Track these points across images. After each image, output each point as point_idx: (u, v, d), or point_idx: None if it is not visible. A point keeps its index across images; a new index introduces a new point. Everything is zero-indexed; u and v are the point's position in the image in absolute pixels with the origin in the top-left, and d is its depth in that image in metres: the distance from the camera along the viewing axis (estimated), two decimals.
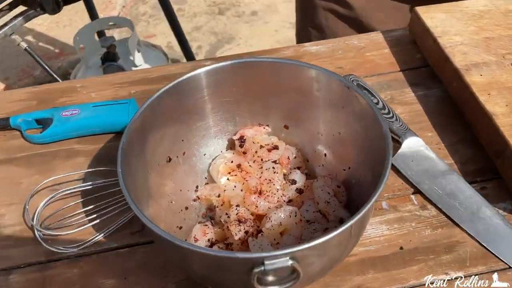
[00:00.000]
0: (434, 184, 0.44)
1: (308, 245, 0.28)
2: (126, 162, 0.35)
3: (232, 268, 0.30)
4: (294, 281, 0.29)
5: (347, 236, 0.31)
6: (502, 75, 0.48)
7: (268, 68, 0.42)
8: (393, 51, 0.59)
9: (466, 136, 0.48)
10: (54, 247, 0.42)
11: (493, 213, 0.42)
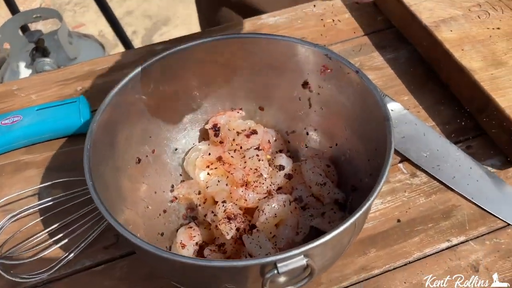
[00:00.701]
0: (420, 149, 0.42)
1: (323, 240, 0.25)
2: (93, 168, 0.30)
3: (240, 277, 0.26)
4: (308, 278, 0.26)
5: (359, 223, 0.28)
6: (472, 28, 0.47)
7: (235, 46, 0.38)
8: (354, 16, 0.56)
9: (444, 95, 0.47)
10: (18, 276, 0.36)
11: (483, 171, 0.41)
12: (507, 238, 0.37)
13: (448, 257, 0.36)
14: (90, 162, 0.30)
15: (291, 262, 0.24)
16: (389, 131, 0.29)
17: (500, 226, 0.38)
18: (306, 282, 0.27)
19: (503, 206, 0.39)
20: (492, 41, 0.45)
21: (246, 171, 0.36)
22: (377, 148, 0.31)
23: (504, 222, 0.38)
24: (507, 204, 0.39)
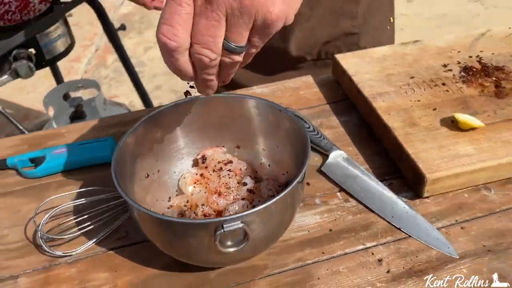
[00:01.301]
0: (354, 183, 0.57)
1: (253, 210, 0.40)
2: (118, 177, 0.46)
3: (198, 233, 0.41)
4: (246, 242, 0.41)
5: (283, 204, 0.43)
6: (399, 100, 0.64)
7: (221, 102, 0.56)
8: (321, 90, 0.74)
9: (377, 148, 0.63)
10: (56, 253, 0.51)
11: (397, 200, 0.55)
12: (406, 245, 0.51)
13: (361, 255, 0.50)
14: (116, 173, 0.47)
15: (233, 224, 0.39)
16: (306, 156, 0.45)
17: (403, 237, 0.52)
18: (244, 245, 0.41)
19: (408, 224, 0.53)
20: (412, 109, 0.62)
21: (219, 185, 0.52)
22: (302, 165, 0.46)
23: (407, 235, 0.52)
24: (411, 223, 0.53)
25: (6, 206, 0.59)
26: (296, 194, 0.46)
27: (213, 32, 0.39)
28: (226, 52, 0.41)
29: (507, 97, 0.63)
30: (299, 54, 0.86)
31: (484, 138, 0.56)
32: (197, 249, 0.43)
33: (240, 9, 0.38)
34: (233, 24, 0.39)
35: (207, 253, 0.43)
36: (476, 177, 0.54)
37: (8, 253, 0.53)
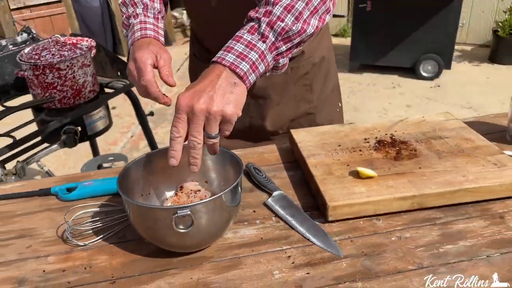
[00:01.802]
0: (285, 211, 0.82)
1: (197, 202, 0.65)
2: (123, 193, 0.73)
3: (162, 216, 0.66)
4: (192, 226, 0.66)
5: (219, 202, 0.68)
6: (325, 159, 0.90)
7: None
8: (280, 153, 1.02)
9: (307, 191, 0.87)
10: (77, 243, 0.77)
11: (313, 222, 0.79)
12: (310, 249, 0.73)
13: (277, 253, 0.73)
14: (122, 190, 0.74)
15: (183, 211, 0.65)
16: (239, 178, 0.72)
17: (309, 244, 0.74)
18: (192, 228, 0.66)
19: (315, 237, 0.76)
20: (332, 165, 0.88)
21: (187, 201, 0.78)
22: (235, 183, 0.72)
23: (312, 243, 0.75)
24: (317, 236, 0.76)
25: (46, 217, 0.86)
26: (229, 197, 0.70)
27: (198, 129, 0.69)
28: (208, 138, 0.70)
29: (402, 160, 0.88)
30: (273, 129, 1.15)
31: (375, 183, 0.81)
32: (162, 231, 0.68)
33: (211, 115, 0.68)
34: (209, 123, 0.69)
35: (169, 234, 0.68)
36: (366, 208, 0.78)
37: (44, 243, 0.79)
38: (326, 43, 1.17)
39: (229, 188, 0.69)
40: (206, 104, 0.67)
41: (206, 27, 1.11)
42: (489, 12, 4.11)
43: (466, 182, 0.80)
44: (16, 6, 4.03)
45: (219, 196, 0.68)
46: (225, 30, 0.85)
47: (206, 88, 0.69)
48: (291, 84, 1.12)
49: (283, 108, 1.14)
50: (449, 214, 0.79)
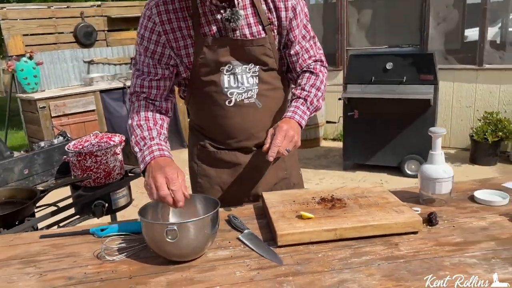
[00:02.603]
0: (249, 242, 1.19)
1: (181, 221, 1.05)
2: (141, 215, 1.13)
3: (159, 229, 1.05)
4: (177, 237, 1.04)
5: (198, 224, 1.07)
6: (282, 209, 1.29)
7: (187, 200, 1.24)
8: (254, 208, 1.41)
9: (268, 229, 1.25)
10: (108, 258, 1.15)
11: (268, 247, 1.15)
12: (264, 261, 1.09)
13: (241, 264, 1.09)
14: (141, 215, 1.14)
15: (171, 227, 1.04)
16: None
17: (261, 258, 1.11)
18: (176, 239, 1.04)
19: (268, 255, 1.12)
20: (286, 211, 1.26)
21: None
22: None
23: (263, 257, 1.11)
24: (270, 254, 1.12)
25: (87, 246, 1.24)
26: (206, 223, 1.08)
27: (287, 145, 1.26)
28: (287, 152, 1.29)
29: (334, 209, 1.26)
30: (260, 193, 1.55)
31: (311, 222, 1.19)
32: (158, 240, 1.06)
33: (296, 142, 1.33)
34: (291, 145, 1.31)
35: (163, 243, 1.05)
36: (303, 236, 1.15)
37: (85, 260, 1.16)
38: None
39: (204, 216, 1.09)
40: (294, 136, 1.32)
41: (223, 124, 1.46)
42: (467, 121, 4.64)
43: (373, 221, 1.17)
44: (56, 114, 4.71)
45: (198, 219, 1.07)
46: (234, 124, 1.39)
47: (291, 128, 1.32)
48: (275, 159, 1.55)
49: (267, 175, 1.55)
50: (361, 242, 1.15)
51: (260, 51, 1.39)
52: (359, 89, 3.95)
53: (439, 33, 4.68)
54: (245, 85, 1.41)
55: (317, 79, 1.48)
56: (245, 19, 1.35)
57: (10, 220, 1.67)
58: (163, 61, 1.39)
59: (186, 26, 1.35)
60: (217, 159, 1.53)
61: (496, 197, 1.36)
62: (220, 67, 1.38)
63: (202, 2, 1.33)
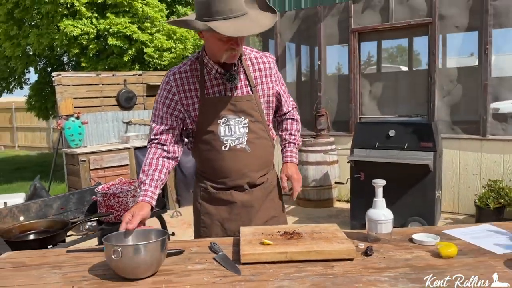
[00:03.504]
0: (220, 260, 1.54)
1: (123, 244, 1.42)
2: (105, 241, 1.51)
3: (108, 249, 1.42)
4: (121, 256, 1.40)
5: (146, 248, 1.43)
6: (251, 238, 1.63)
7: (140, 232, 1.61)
8: (233, 242, 1.76)
9: (239, 253, 1.60)
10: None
11: (233, 263, 1.50)
12: (227, 272, 1.43)
13: (209, 273, 1.43)
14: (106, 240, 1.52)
15: (116, 247, 1.41)
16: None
17: (226, 271, 1.45)
18: (120, 257, 1.38)
19: (232, 268, 1.46)
20: (253, 240, 1.61)
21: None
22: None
23: (227, 270, 1.45)
24: (233, 268, 1.46)
25: (100, 258, 1.62)
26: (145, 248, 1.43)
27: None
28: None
29: (290, 240, 1.60)
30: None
31: (270, 247, 1.53)
32: (109, 257, 1.42)
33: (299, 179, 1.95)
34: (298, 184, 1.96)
35: (110, 260, 1.41)
36: (260, 257, 1.48)
37: (97, 266, 1.54)
38: (276, 177, 2.02)
39: (142, 243, 1.44)
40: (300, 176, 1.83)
41: (220, 166, 1.84)
42: (474, 188, 4.83)
43: (317, 248, 1.50)
44: (94, 167, 5.27)
45: (135, 244, 1.44)
46: (228, 165, 1.81)
47: (296, 170, 1.88)
48: (265, 198, 1.93)
49: (260, 213, 1.91)
50: (306, 264, 1.48)
51: (248, 105, 1.83)
52: (365, 153, 4.29)
53: (444, 104, 5.03)
54: (237, 134, 1.82)
55: (297, 124, 2.07)
56: (238, 82, 1.82)
57: (45, 244, 2.08)
58: (174, 114, 1.82)
59: (195, 89, 1.79)
60: (216, 198, 1.90)
61: (429, 238, 1.65)
62: (218, 120, 1.79)
63: (208, 72, 1.79)
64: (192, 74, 1.81)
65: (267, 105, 1.89)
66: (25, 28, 8.81)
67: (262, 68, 1.86)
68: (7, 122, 15.66)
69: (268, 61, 1.89)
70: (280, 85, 1.95)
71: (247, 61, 1.85)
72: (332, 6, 5.67)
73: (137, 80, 6.28)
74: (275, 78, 1.91)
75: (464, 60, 5.27)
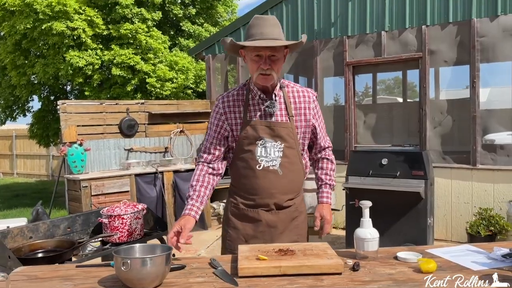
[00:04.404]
0: (220, 274, 1.67)
1: (133, 257, 1.56)
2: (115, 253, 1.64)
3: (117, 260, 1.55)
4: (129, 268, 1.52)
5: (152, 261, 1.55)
6: (249, 254, 1.77)
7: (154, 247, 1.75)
8: (231, 259, 1.89)
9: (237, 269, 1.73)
10: None
11: (231, 277, 1.63)
12: (226, 284, 1.57)
13: (209, 284, 1.57)
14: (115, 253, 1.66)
15: (126, 259, 1.54)
16: None
17: (225, 283, 1.58)
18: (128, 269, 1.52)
19: (230, 281, 1.59)
20: (250, 256, 1.74)
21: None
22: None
23: (229, 284, 1.58)
24: (231, 280, 1.59)
25: (106, 272, 1.75)
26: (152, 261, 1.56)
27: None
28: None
29: (284, 256, 1.73)
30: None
31: (265, 261, 1.66)
32: (118, 268, 1.55)
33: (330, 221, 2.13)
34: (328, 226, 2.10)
35: (122, 272, 1.54)
36: (256, 270, 1.61)
37: (104, 279, 1.67)
38: (303, 204, 2.19)
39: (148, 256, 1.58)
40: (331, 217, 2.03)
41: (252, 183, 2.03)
42: (466, 216, 4.96)
43: (308, 263, 1.64)
44: (96, 193, 5.40)
45: (143, 257, 1.57)
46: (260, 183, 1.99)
47: (329, 212, 2.07)
48: (289, 222, 2.08)
49: (283, 236, 2.06)
50: (298, 278, 1.61)
51: (285, 132, 2.03)
52: (359, 181, 4.44)
53: (436, 135, 5.22)
54: (271, 156, 2.02)
55: (333, 164, 2.24)
56: (278, 110, 2.04)
57: (53, 262, 2.21)
58: (221, 133, 2.06)
59: (239, 111, 2.02)
60: (244, 215, 2.07)
61: (411, 256, 1.79)
62: (256, 140, 2.00)
63: (252, 97, 2.03)
64: (239, 98, 2.05)
65: (303, 135, 2.08)
66: (31, 58, 9.11)
67: (302, 101, 2.06)
68: (7, 149, 15.81)
69: (308, 96, 2.09)
70: (318, 120, 2.12)
71: (289, 93, 2.07)
72: (328, 41, 5.94)
73: (139, 108, 6.48)
74: (313, 112, 2.09)
75: (454, 92, 5.50)
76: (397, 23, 5.42)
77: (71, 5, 8.06)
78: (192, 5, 9.71)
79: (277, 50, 1.92)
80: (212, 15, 10.06)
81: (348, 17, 5.75)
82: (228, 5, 10.33)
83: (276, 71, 1.95)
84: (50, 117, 9.74)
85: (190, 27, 9.53)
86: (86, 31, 8.17)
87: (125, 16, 8.38)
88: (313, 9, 6.03)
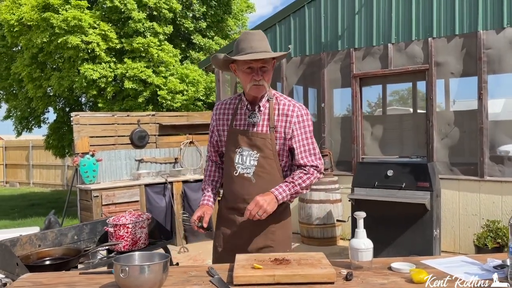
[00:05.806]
0: (216, 282, 1.72)
1: (131, 264, 1.62)
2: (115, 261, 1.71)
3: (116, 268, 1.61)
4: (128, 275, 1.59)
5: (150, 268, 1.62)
6: (244, 264, 1.82)
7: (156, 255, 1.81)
8: (228, 268, 1.94)
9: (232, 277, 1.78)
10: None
11: (227, 285, 1.68)
12: None
13: None
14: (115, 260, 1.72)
15: (124, 267, 1.61)
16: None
17: None
18: (127, 276, 1.58)
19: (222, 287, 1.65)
20: (246, 265, 1.80)
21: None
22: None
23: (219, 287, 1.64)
24: None
25: (109, 279, 1.82)
26: (164, 267, 1.63)
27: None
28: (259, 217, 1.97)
29: (279, 265, 1.78)
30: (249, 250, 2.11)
31: (260, 270, 1.71)
32: (117, 276, 1.61)
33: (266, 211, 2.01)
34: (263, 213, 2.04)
35: (120, 278, 1.61)
36: (251, 279, 1.67)
37: (107, 285, 1.74)
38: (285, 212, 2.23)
39: (149, 263, 1.65)
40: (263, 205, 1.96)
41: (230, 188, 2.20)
42: (474, 228, 4.93)
43: (301, 272, 1.69)
44: (106, 202, 5.50)
45: (141, 264, 1.64)
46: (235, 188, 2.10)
47: (266, 199, 1.99)
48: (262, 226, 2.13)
49: (256, 239, 2.12)
50: (293, 286, 1.66)
51: (261, 142, 2.12)
52: (365, 192, 4.46)
53: (443, 146, 5.21)
54: (247, 164, 2.14)
55: (308, 179, 2.13)
56: (261, 121, 2.14)
57: (60, 269, 2.29)
58: (213, 137, 2.29)
59: (227, 119, 2.20)
60: (225, 216, 2.24)
61: (405, 266, 1.83)
62: (236, 148, 2.14)
63: (241, 107, 2.17)
64: (231, 106, 2.22)
65: (283, 147, 2.14)
66: (47, 71, 9.35)
67: (285, 114, 2.12)
68: (24, 160, 16.13)
69: (293, 110, 2.13)
70: (298, 137, 2.13)
71: (275, 105, 2.15)
72: (335, 53, 6.01)
73: (150, 120, 6.61)
74: (294, 127, 2.12)
75: (461, 104, 5.50)
76: (403, 35, 5.46)
77: (86, 20, 8.28)
78: (203, 18, 9.88)
79: (267, 62, 2.05)
80: (222, 28, 10.22)
81: (355, 30, 5.82)
82: (238, 18, 10.48)
83: (267, 81, 2.08)
84: (65, 128, 9.95)
85: (200, 40, 9.70)
86: (100, 44, 8.38)
87: (137, 30, 8.57)
88: (321, 22, 6.11)
